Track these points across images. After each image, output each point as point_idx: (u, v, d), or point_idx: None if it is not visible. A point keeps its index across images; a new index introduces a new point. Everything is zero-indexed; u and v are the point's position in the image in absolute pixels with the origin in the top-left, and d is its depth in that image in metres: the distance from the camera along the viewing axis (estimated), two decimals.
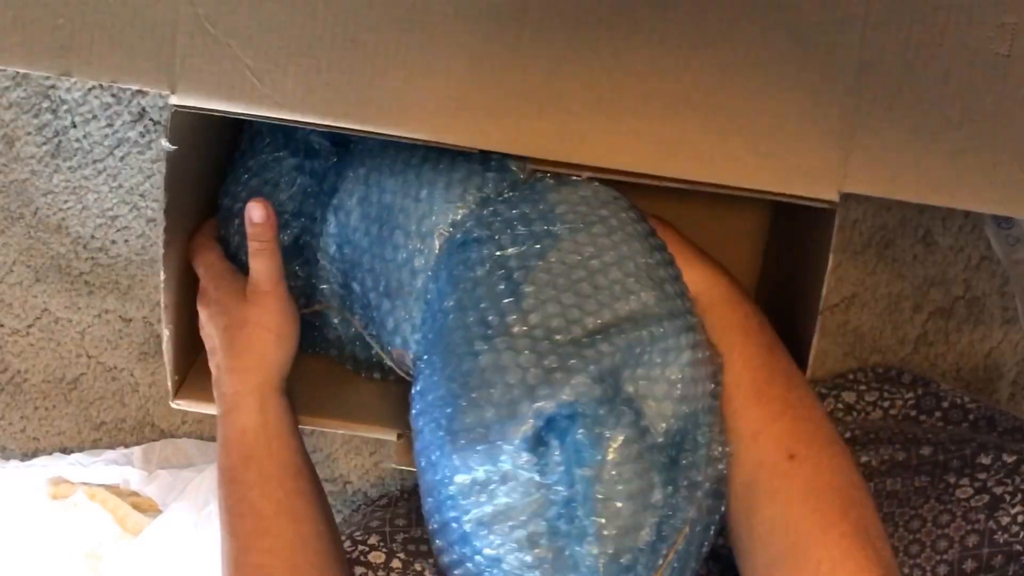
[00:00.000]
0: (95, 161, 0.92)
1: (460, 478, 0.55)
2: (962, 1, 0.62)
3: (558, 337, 0.57)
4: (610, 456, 0.55)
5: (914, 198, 0.64)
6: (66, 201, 0.93)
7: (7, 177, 0.92)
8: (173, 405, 0.72)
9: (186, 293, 0.72)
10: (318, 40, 0.63)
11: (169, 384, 0.72)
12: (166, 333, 0.70)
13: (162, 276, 0.69)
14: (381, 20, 0.62)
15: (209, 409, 0.71)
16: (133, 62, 0.63)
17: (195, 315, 0.72)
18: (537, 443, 0.55)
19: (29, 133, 0.91)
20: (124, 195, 0.93)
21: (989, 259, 0.95)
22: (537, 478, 0.54)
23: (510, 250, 0.61)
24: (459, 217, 0.66)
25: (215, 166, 0.78)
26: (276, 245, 0.68)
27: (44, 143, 0.92)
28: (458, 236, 0.65)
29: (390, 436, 0.71)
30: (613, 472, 0.55)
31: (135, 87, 0.64)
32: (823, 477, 0.56)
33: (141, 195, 0.93)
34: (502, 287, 0.59)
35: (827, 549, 0.53)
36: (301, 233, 0.75)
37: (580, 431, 0.54)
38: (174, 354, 0.71)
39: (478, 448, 0.54)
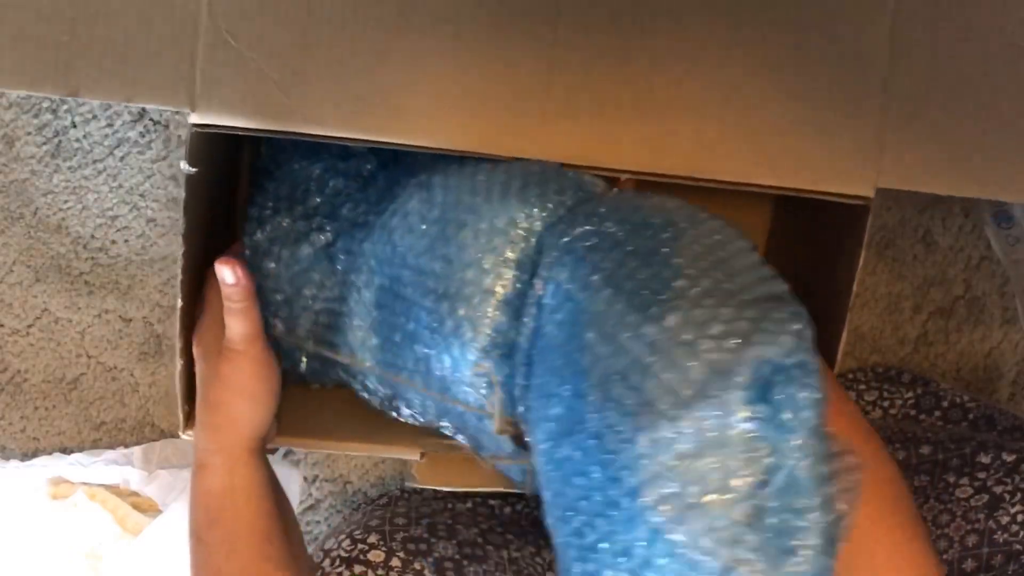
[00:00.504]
0: (95, 161, 0.92)
1: (658, 459, 0.46)
2: None
3: (744, 296, 0.49)
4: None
5: (947, 191, 0.64)
6: (66, 201, 0.93)
7: (7, 177, 0.92)
8: (184, 436, 0.70)
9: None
10: (348, 52, 0.60)
11: (179, 415, 0.70)
12: (178, 364, 0.68)
13: (179, 303, 0.65)
14: (412, 30, 0.61)
15: None
16: (148, 79, 0.59)
17: None
18: (759, 398, 0.46)
19: (29, 133, 0.91)
20: (124, 195, 0.93)
21: (989, 259, 0.95)
22: (759, 436, 0.45)
23: (635, 242, 0.54)
24: (542, 217, 0.61)
25: (225, 179, 0.77)
26: (253, 304, 0.64)
27: (44, 143, 0.92)
28: (554, 236, 0.60)
29: (413, 456, 0.69)
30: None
31: (151, 106, 0.61)
32: (868, 469, 0.55)
33: (141, 195, 0.93)
34: (649, 270, 0.52)
35: (879, 542, 0.53)
36: (335, 239, 0.72)
37: (806, 381, 0.46)
38: (184, 385, 0.69)
39: (683, 411, 0.45)
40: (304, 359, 0.73)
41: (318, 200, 0.73)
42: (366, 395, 0.70)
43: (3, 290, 0.95)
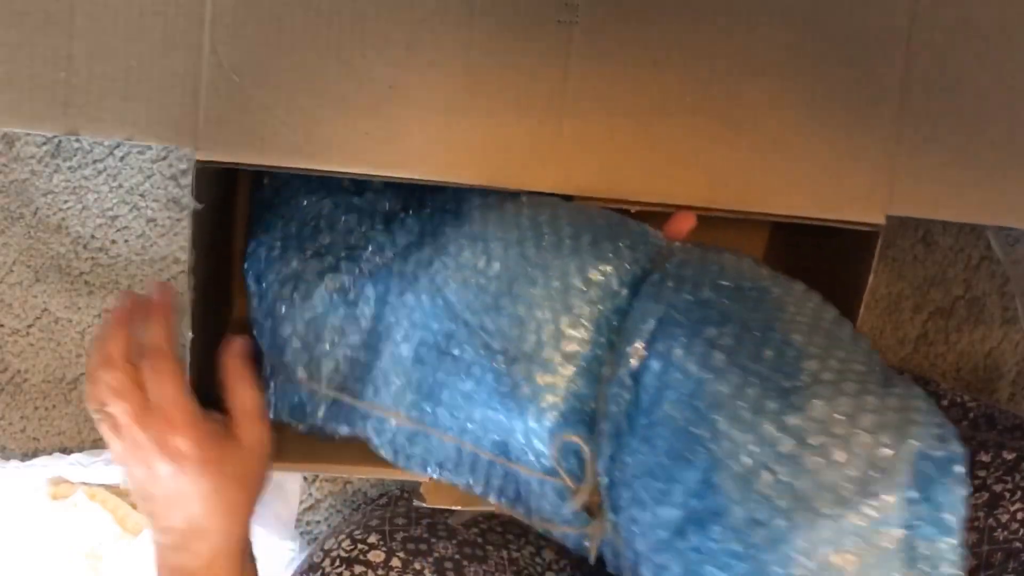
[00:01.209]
0: (95, 161, 0.92)
1: (815, 557, 0.45)
2: (1003, 22, 0.62)
3: (873, 379, 0.49)
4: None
5: (958, 218, 0.64)
6: (66, 201, 0.93)
7: (7, 177, 0.92)
8: None
9: (205, 351, 0.69)
10: (354, 87, 0.59)
11: None
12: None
13: (189, 335, 0.63)
14: (419, 64, 0.60)
15: None
16: (150, 117, 0.58)
17: (206, 349, 0.70)
18: (922, 497, 0.45)
19: (29, 133, 0.91)
20: (124, 195, 0.93)
21: (989, 259, 0.95)
22: (920, 537, 0.45)
23: (743, 313, 0.53)
24: (620, 275, 0.58)
25: (221, 205, 0.76)
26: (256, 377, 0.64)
27: (44, 143, 0.92)
28: (647, 301, 0.57)
29: (422, 477, 0.68)
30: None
31: (154, 144, 0.60)
32: None
33: (141, 195, 0.93)
34: (771, 349, 0.50)
35: None
36: (355, 282, 0.67)
37: (961, 474, 0.46)
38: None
39: (843, 510, 0.44)
40: (323, 407, 0.69)
41: (328, 239, 0.69)
42: (382, 447, 0.66)
43: (3, 290, 0.95)
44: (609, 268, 0.57)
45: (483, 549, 0.72)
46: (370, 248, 0.67)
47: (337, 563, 0.69)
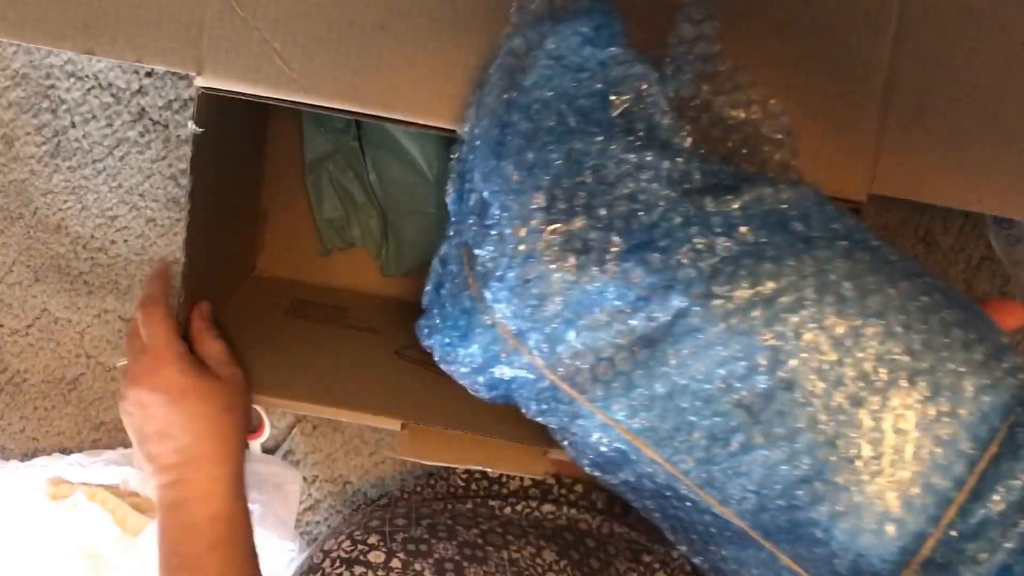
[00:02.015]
0: (94, 161, 0.92)
1: None
2: (995, 3, 0.62)
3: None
4: None
5: (942, 201, 0.64)
6: (66, 201, 0.93)
7: (7, 177, 0.92)
8: None
9: (203, 278, 0.73)
10: (347, 26, 0.62)
11: None
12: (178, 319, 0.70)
13: (182, 259, 0.68)
14: (412, 8, 0.62)
15: None
16: (159, 42, 0.62)
17: (207, 298, 0.72)
18: None
19: (28, 133, 0.91)
20: (124, 195, 0.92)
21: (989, 259, 0.95)
22: None
23: None
24: (996, 405, 0.54)
25: (241, 146, 0.78)
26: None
27: (43, 143, 0.91)
28: None
29: (394, 426, 0.70)
30: None
31: (160, 67, 0.63)
32: None
33: (141, 195, 0.92)
34: None
35: None
36: (648, 279, 0.54)
37: None
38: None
39: None
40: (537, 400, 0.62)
41: (626, 207, 0.55)
42: (576, 452, 0.61)
43: (3, 290, 0.95)
44: (990, 399, 0.52)
45: (483, 550, 0.72)
46: (685, 248, 0.54)
47: (337, 564, 0.69)
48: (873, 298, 0.52)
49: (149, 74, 0.90)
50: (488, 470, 0.85)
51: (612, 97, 0.58)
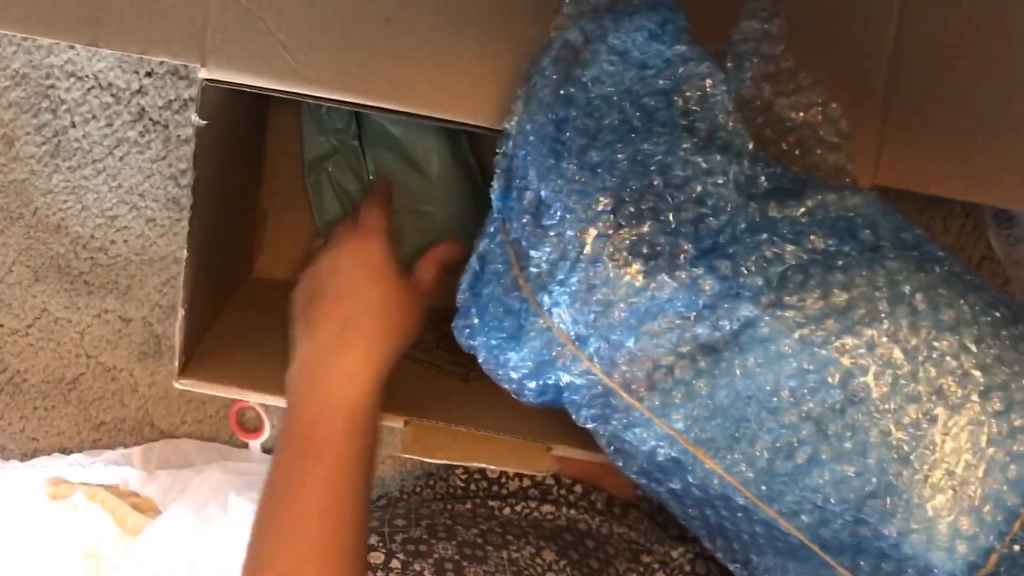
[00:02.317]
0: (94, 161, 0.92)
1: None
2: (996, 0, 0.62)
3: None
4: None
5: (945, 193, 0.64)
6: (65, 201, 0.93)
7: (7, 177, 0.92)
8: (177, 385, 0.72)
9: (203, 278, 0.72)
10: (352, 17, 0.62)
11: (176, 364, 0.71)
12: (181, 312, 0.69)
13: (184, 253, 0.68)
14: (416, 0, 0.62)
15: (212, 391, 0.70)
16: (163, 34, 0.62)
17: (208, 295, 0.72)
18: None
19: (28, 133, 0.91)
20: (124, 195, 0.92)
21: (989, 259, 0.95)
22: None
23: None
24: None
25: (243, 143, 0.78)
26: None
27: (43, 143, 0.91)
28: None
29: (396, 423, 0.69)
30: None
31: (164, 59, 0.63)
32: None
33: (141, 195, 0.92)
34: None
35: None
36: (719, 287, 0.53)
37: None
38: (185, 334, 0.70)
39: None
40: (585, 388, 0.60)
41: (693, 212, 0.53)
42: (623, 461, 0.59)
43: (3, 290, 0.95)
44: None
45: (483, 550, 0.72)
46: (754, 255, 0.52)
47: None
48: (946, 312, 0.52)
49: (149, 74, 0.90)
50: (488, 470, 0.85)
51: (676, 97, 0.57)
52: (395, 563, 0.69)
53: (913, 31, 0.63)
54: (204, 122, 0.64)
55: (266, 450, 0.96)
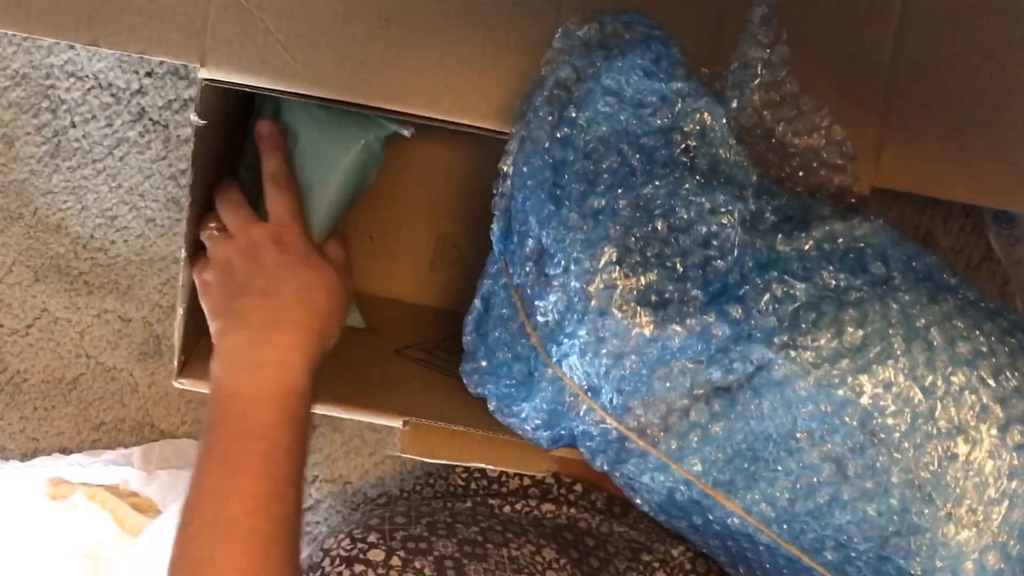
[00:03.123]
0: (94, 161, 0.92)
1: None
2: (997, 0, 0.62)
3: None
4: None
5: (945, 195, 0.64)
6: (65, 201, 0.93)
7: (6, 177, 0.92)
8: (176, 384, 0.72)
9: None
10: (352, 17, 0.62)
11: (175, 363, 0.72)
12: (180, 311, 0.70)
13: (183, 253, 0.68)
14: (416, 0, 0.62)
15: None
16: (163, 33, 0.62)
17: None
18: None
19: (28, 133, 0.91)
20: (124, 195, 0.92)
21: (989, 259, 0.95)
22: None
23: None
24: None
25: (232, 143, 0.78)
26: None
27: (43, 143, 0.91)
28: None
29: (396, 423, 0.69)
30: None
31: (164, 59, 0.63)
32: None
33: (141, 195, 0.92)
34: None
35: None
36: (730, 332, 0.53)
37: None
38: (184, 333, 0.71)
39: None
40: (597, 435, 0.59)
41: (700, 256, 0.52)
42: (637, 494, 0.58)
43: (3, 290, 0.95)
44: None
45: (483, 548, 0.72)
46: (765, 295, 0.52)
47: (337, 562, 0.69)
48: (963, 344, 0.51)
49: (149, 74, 0.90)
50: (488, 469, 0.85)
51: (675, 135, 0.56)
52: (395, 560, 0.69)
53: (913, 32, 0.63)
54: (203, 122, 0.64)
55: None
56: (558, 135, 0.56)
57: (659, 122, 0.57)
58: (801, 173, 0.61)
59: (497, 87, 0.63)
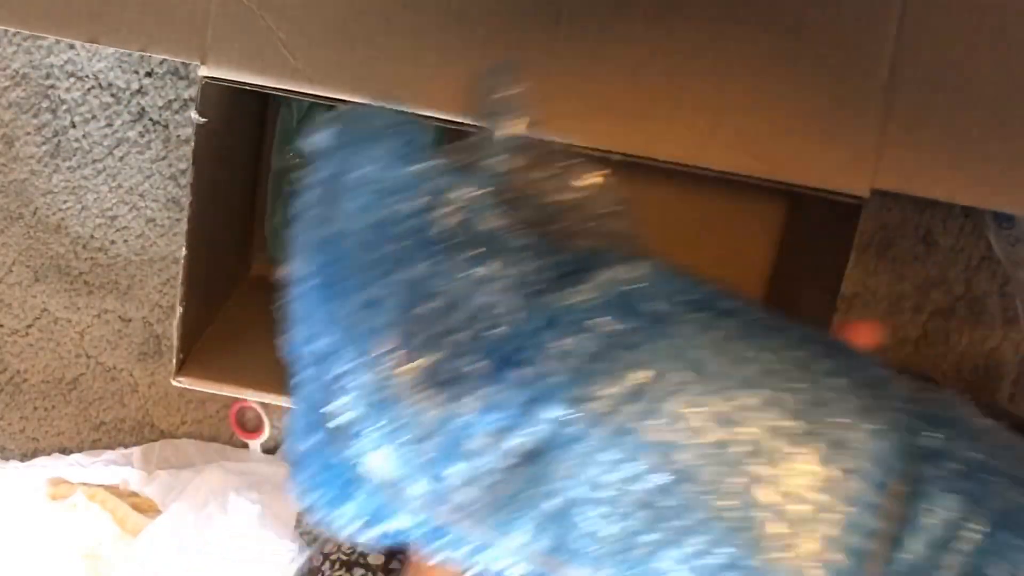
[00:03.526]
0: (94, 161, 0.92)
1: None
2: (997, 3, 0.62)
3: None
4: None
5: (946, 197, 0.64)
6: (65, 201, 0.93)
7: (7, 177, 0.92)
8: (174, 383, 0.72)
9: (200, 273, 0.72)
10: (353, 17, 0.62)
11: (174, 362, 0.71)
12: (180, 310, 0.70)
13: (183, 252, 0.68)
14: (417, 2, 0.62)
15: (208, 388, 0.70)
16: (164, 31, 0.62)
17: (206, 294, 0.72)
18: None
19: (28, 133, 0.91)
20: (123, 195, 0.92)
21: (989, 259, 0.95)
22: None
23: None
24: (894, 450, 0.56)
25: (242, 143, 0.78)
26: None
27: (43, 143, 0.91)
28: None
29: None
30: None
31: (165, 57, 0.63)
32: None
33: (140, 195, 0.92)
34: None
35: None
36: (509, 402, 0.55)
37: None
38: (183, 332, 0.71)
39: None
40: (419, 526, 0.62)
41: (468, 327, 0.57)
42: None
43: (3, 290, 0.95)
44: (884, 443, 0.52)
45: None
46: (549, 354, 0.50)
47: (336, 566, 0.69)
48: (747, 367, 0.51)
49: (149, 74, 0.90)
50: None
51: (438, 213, 0.57)
52: (395, 564, 0.69)
53: (913, 33, 0.62)
54: (204, 119, 0.64)
55: (266, 450, 0.96)
56: (325, 233, 0.57)
57: (420, 203, 0.57)
58: (577, 227, 0.62)
59: None
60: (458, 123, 0.63)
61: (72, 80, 0.90)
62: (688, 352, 0.51)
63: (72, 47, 0.89)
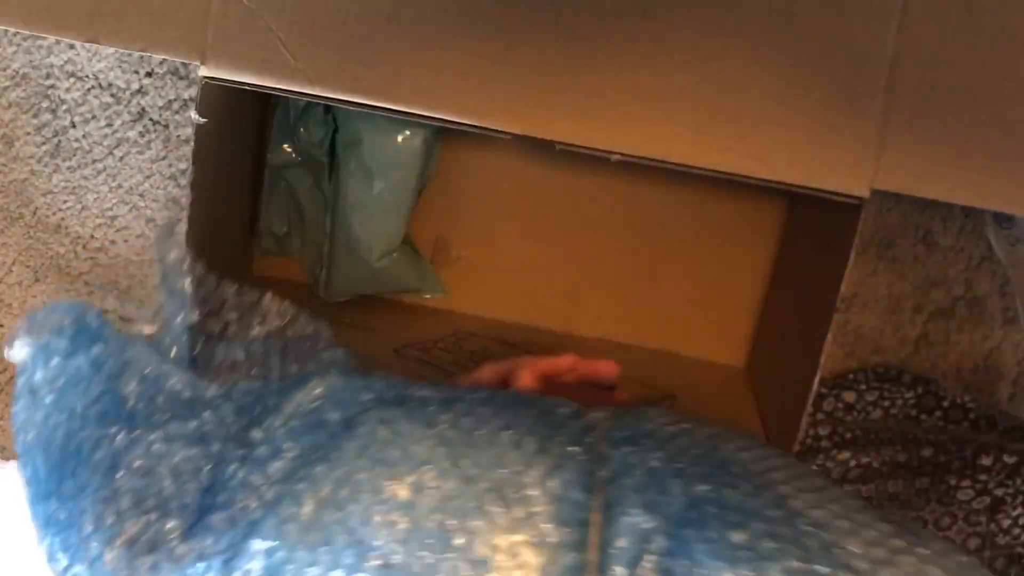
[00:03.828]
0: (94, 161, 0.92)
1: None
2: (997, 4, 0.62)
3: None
4: None
5: (947, 197, 0.64)
6: (65, 201, 0.93)
7: (6, 177, 0.92)
8: None
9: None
10: (353, 17, 0.62)
11: None
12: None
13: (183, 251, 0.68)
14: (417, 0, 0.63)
15: None
16: (163, 31, 0.62)
17: None
18: None
19: (28, 133, 0.91)
20: (124, 195, 0.92)
21: (989, 259, 0.95)
22: None
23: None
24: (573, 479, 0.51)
25: (242, 143, 0.78)
26: None
27: (43, 143, 0.91)
28: None
29: None
30: None
31: (165, 57, 0.63)
32: None
33: (141, 195, 0.92)
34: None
35: None
36: (227, 545, 0.53)
37: None
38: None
39: None
40: None
41: (175, 485, 0.55)
42: None
43: (3, 290, 0.95)
44: (561, 478, 0.50)
45: None
46: (244, 493, 0.53)
47: None
48: (416, 447, 0.50)
49: (149, 74, 0.90)
50: None
51: (122, 390, 0.57)
52: None
53: (914, 34, 0.62)
54: (203, 120, 0.64)
55: None
56: (28, 440, 0.58)
57: (101, 387, 0.58)
58: (284, 355, 0.63)
59: (499, 86, 0.63)
60: (458, 123, 0.63)
61: (72, 80, 0.90)
62: (369, 448, 0.51)
63: (72, 47, 0.89)
